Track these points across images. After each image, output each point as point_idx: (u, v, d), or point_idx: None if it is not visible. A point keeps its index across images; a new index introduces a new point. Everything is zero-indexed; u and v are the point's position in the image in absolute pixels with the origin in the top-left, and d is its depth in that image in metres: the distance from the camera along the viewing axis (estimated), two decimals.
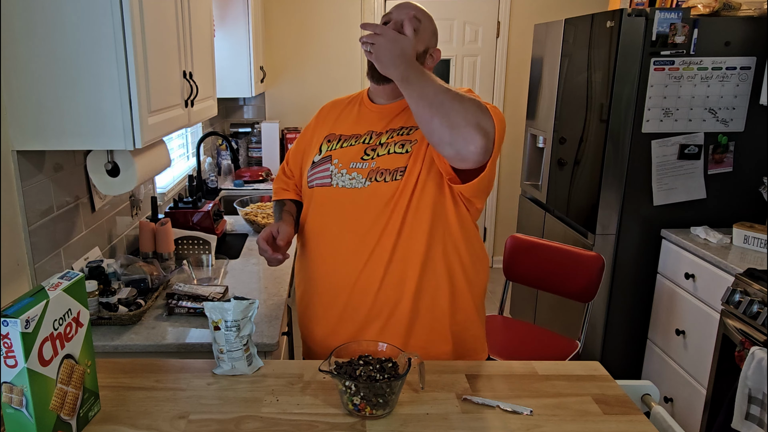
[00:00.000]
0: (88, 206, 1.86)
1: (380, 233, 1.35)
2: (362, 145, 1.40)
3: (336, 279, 1.40)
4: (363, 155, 1.39)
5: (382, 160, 1.36)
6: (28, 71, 1.38)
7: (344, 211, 1.38)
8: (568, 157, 2.92)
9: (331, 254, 1.41)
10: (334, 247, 1.40)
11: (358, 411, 1.09)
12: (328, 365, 1.11)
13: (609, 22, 2.49)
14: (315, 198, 1.43)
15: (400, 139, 1.37)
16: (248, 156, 4.12)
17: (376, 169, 1.36)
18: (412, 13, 1.36)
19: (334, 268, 1.41)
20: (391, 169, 1.35)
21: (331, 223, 1.40)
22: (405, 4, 1.41)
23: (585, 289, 2.26)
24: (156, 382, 1.21)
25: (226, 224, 2.59)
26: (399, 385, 1.10)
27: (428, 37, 1.40)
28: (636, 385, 1.24)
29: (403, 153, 1.35)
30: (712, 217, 2.60)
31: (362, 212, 1.36)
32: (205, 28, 2.14)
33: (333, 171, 1.40)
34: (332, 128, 1.48)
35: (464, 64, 4.30)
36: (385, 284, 1.36)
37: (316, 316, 1.47)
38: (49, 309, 0.95)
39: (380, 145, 1.38)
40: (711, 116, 2.51)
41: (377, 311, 1.38)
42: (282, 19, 4.17)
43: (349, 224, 1.37)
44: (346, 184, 1.38)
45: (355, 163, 1.38)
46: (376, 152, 1.38)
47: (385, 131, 1.40)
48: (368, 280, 1.36)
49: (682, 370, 2.44)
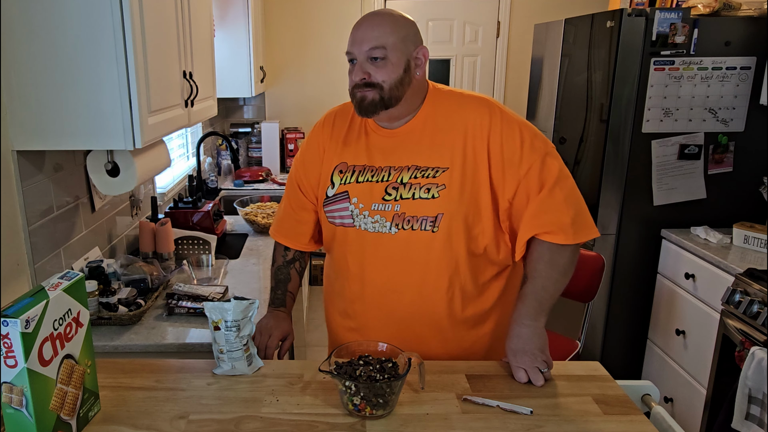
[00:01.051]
0: (88, 206, 1.86)
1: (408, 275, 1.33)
2: (382, 183, 1.31)
3: (363, 307, 1.40)
4: (384, 195, 1.31)
5: (407, 205, 1.29)
6: (28, 71, 1.38)
7: (370, 251, 1.35)
8: (568, 157, 2.92)
9: (354, 287, 1.40)
10: (357, 280, 1.38)
11: (358, 411, 1.09)
12: (328, 365, 1.11)
13: (609, 22, 2.49)
14: (338, 235, 1.39)
15: (425, 182, 1.28)
16: (248, 156, 4.12)
17: (401, 214, 1.30)
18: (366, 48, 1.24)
19: (359, 300, 1.40)
20: (419, 217, 1.29)
21: (354, 261, 1.37)
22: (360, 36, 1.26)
23: (585, 289, 2.26)
24: (156, 382, 1.21)
25: (226, 224, 2.59)
26: (399, 385, 1.09)
27: (402, 54, 1.26)
28: (636, 385, 1.24)
29: (429, 199, 1.28)
30: (712, 217, 2.60)
31: (389, 255, 1.33)
32: (205, 28, 2.14)
33: (354, 212, 1.34)
34: (341, 155, 1.37)
35: (464, 64, 4.30)
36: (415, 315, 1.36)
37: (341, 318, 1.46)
38: (49, 309, 0.95)
39: (402, 185, 1.30)
40: (711, 116, 2.51)
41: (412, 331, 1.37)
42: (282, 19, 4.17)
43: (376, 264, 1.35)
44: (369, 228, 1.33)
45: (376, 204, 1.31)
46: (399, 193, 1.30)
47: (406, 168, 1.30)
48: (395, 311, 1.36)
49: (682, 370, 2.44)
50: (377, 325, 1.38)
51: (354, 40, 1.26)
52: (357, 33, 1.26)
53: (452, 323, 1.37)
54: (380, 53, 1.24)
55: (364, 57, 1.25)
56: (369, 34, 1.24)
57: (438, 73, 4.33)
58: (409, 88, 1.28)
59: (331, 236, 1.41)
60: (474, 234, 1.30)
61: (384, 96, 1.25)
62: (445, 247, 1.30)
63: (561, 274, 1.29)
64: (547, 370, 1.23)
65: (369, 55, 1.25)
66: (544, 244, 1.28)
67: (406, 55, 1.27)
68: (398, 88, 1.26)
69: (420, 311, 1.35)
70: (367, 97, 1.26)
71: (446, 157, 1.29)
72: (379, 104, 1.26)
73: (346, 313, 1.44)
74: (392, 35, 1.25)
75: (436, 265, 1.31)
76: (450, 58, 4.29)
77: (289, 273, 1.50)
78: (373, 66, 1.25)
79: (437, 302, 1.34)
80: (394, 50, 1.25)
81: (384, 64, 1.24)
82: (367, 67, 1.25)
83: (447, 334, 1.37)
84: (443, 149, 1.29)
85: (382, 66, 1.25)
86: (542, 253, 1.28)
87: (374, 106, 1.26)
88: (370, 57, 1.25)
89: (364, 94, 1.26)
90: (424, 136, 1.31)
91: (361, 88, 1.26)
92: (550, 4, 4.15)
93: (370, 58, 1.25)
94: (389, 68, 1.25)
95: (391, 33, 1.25)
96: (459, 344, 1.39)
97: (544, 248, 1.28)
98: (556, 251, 1.27)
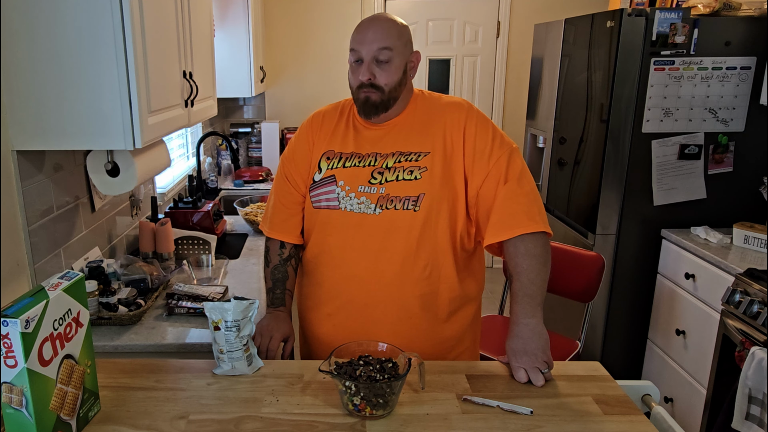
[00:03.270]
0: (88, 206, 1.86)
1: (389, 257, 1.36)
2: (368, 168, 1.37)
3: (340, 291, 1.42)
4: (370, 179, 1.37)
5: (391, 186, 1.35)
6: (28, 71, 1.38)
7: (352, 233, 1.38)
8: (568, 157, 2.92)
9: (332, 273, 1.42)
10: (337, 264, 1.40)
11: (358, 411, 1.09)
12: (328, 365, 1.11)
13: (609, 22, 2.49)
14: (321, 219, 1.42)
15: (408, 165, 1.36)
16: (248, 156, 4.12)
17: (386, 195, 1.35)
18: (375, 47, 1.30)
19: (337, 285, 1.42)
20: (402, 197, 1.35)
21: (336, 244, 1.40)
22: (370, 36, 1.31)
23: (585, 289, 2.26)
24: (156, 382, 1.21)
25: (226, 224, 2.59)
26: (399, 385, 1.09)
27: (404, 57, 1.35)
28: (636, 385, 1.24)
29: (412, 180, 1.35)
30: (712, 217, 2.60)
31: (371, 236, 1.37)
32: (205, 28, 2.14)
33: (340, 194, 1.38)
34: (329, 144, 1.43)
35: (464, 64, 4.30)
36: (391, 300, 1.39)
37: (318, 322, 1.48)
38: (49, 309, 0.95)
39: (387, 169, 1.36)
40: (711, 116, 2.51)
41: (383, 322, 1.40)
42: (282, 19, 4.17)
43: (356, 246, 1.38)
44: (354, 209, 1.37)
45: (362, 186, 1.37)
46: (384, 177, 1.36)
47: (391, 153, 1.37)
48: (373, 295, 1.39)
49: (682, 370, 2.44)
50: (354, 310, 1.40)
51: (363, 40, 1.32)
52: (366, 33, 1.32)
53: (428, 310, 1.39)
54: (387, 55, 1.31)
55: (371, 57, 1.31)
56: (378, 35, 1.31)
57: (438, 73, 4.33)
58: (404, 90, 1.38)
59: (313, 223, 1.44)
60: (453, 217, 1.37)
61: (384, 98, 1.34)
62: (426, 227, 1.35)
63: (541, 264, 1.32)
64: (547, 371, 1.23)
65: (376, 56, 1.31)
66: (518, 238, 1.32)
67: (405, 59, 1.36)
68: (397, 90, 1.35)
69: (398, 294, 1.37)
70: (371, 98, 1.33)
71: (428, 144, 1.37)
72: (380, 106, 1.35)
73: (321, 300, 1.45)
74: (398, 39, 1.33)
75: (416, 246, 1.36)
76: (450, 58, 4.29)
77: (287, 271, 1.50)
78: (378, 68, 1.32)
79: (416, 285, 1.37)
80: (398, 53, 1.33)
81: (388, 67, 1.32)
82: (372, 68, 1.32)
83: (422, 322, 1.40)
84: (425, 138, 1.38)
85: (386, 68, 1.32)
86: (518, 246, 1.32)
87: (376, 107, 1.35)
88: (376, 58, 1.31)
89: (368, 95, 1.33)
90: (410, 128, 1.39)
91: (366, 89, 1.33)
92: (550, 4, 4.15)
93: (376, 59, 1.31)
94: (392, 70, 1.33)
95: (397, 37, 1.32)
96: (433, 335, 1.42)
97: (518, 241, 1.32)
98: (531, 241, 1.31)
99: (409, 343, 1.37)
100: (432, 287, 1.38)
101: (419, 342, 1.40)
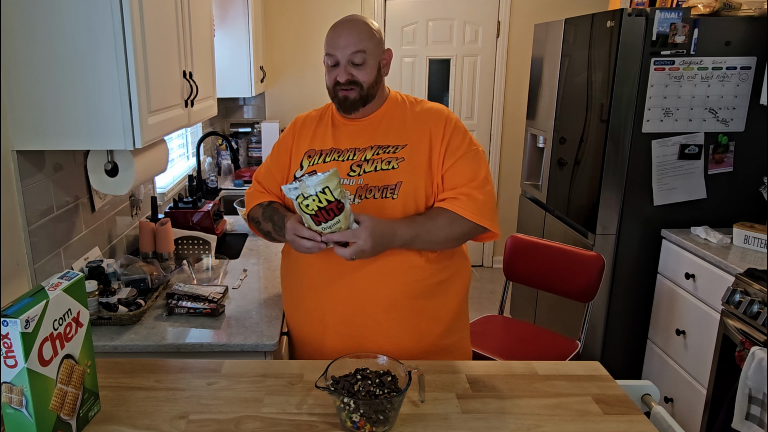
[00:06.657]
0: (88, 206, 1.86)
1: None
2: (347, 162, 1.43)
3: (322, 282, 1.43)
4: (350, 171, 1.42)
5: (369, 177, 1.41)
6: (28, 71, 1.38)
7: None
8: (568, 157, 2.92)
9: (313, 265, 1.44)
10: (318, 257, 1.40)
11: (357, 429, 1.04)
12: (324, 381, 1.06)
13: (609, 22, 2.49)
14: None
15: (386, 156, 1.42)
16: (248, 156, 4.12)
17: (364, 186, 1.41)
18: (350, 51, 1.38)
19: (317, 278, 1.44)
20: (380, 186, 1.40)
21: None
22: (343, 41, 1.39)
23: (585, 289, 2.26)
24: (156, 382, 1.21)
25: (226, 224, 2.59)
26: (399, 400, 1.04)
27: (377, 57, 1.43)
28: (636, 385, 1.24)
29: (390, 169, 1.40)
30: (712, 217, 2.60)
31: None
32: (205, 28, 2.14)
33: None
34: (310, 144, 1.49)
35: (464, 64, 4.30)
36: (374, 288, 1.40)
37: (302, 317, 1.50)
38: (49, 309, 0.95)
39: (366, 162, 1.42)
40: (711, 116, 2.51)
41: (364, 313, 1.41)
42: (282, 19, 4.17)
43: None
44: None
45: (342, 179, 1.40)
46: (362, 168, 1.42)
47: (369, 147, 1.44)
48: (356, 284, 1.40)
49: (682, 370, 2.44)
50: (336, 302, 1.42)
51: (337, 45, 1.40)
52: (339, 38, 1.40)
53: (412, 297, 1.41)
54: (361, 58, 1.39)
55: (347, 60, 1.40)
56: (352, 39, 1.39)
57: (438, 73, 4.34)
58: (380, 87, 1.46)
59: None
60: (429, 203, 1.43)
61: (363, 94, 1.42)
62: (405, 213, 1.40)
63: (446, 238, 1.39)
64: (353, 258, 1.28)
65: (351, 59, 1.39)
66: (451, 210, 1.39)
67: (378, 58, 1.44)
68: (374, 87, 1.44)
69: (381, 282, 1.39)
70: (350, 96, 1.41)
71: (405, 138, 1.44)
72: (359, 101, 1.42)
73: (305, 295, 1.47)
74: (369, 41, 1.41)
75: None
76: (450, 58, 4.29)
77: (276, 207, 1.50)
78: (354, 69, 1.40)
79: (399, 271, 1.39)
80: (371, 54, 1.41)
81: (364, 67, 1.40)
82: (349, 69, 1.40)
83: (406, 310, 1.41)
84: (403, 133, 1.45)
85: (362, 68, 1.40)
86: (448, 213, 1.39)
87: (356, 103, 1.42)
88: (352, 61, 1.39)
89: (347, 94, 1.41)
90: (388, 124, 1.46)
91: (344, 88, 1.41)
92: (550, 4, 4.15)
93: (351, 62, 1.39)
94: (368, 70, 1.41)
95: (368, 38, 1.41)
96: (412, 329, 1.42)
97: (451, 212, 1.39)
98: (456, 220, 1.39)
99: (396, 332, 1.40)
100: (414, 272, 1.41)
101: (407, 329, 1.42)
